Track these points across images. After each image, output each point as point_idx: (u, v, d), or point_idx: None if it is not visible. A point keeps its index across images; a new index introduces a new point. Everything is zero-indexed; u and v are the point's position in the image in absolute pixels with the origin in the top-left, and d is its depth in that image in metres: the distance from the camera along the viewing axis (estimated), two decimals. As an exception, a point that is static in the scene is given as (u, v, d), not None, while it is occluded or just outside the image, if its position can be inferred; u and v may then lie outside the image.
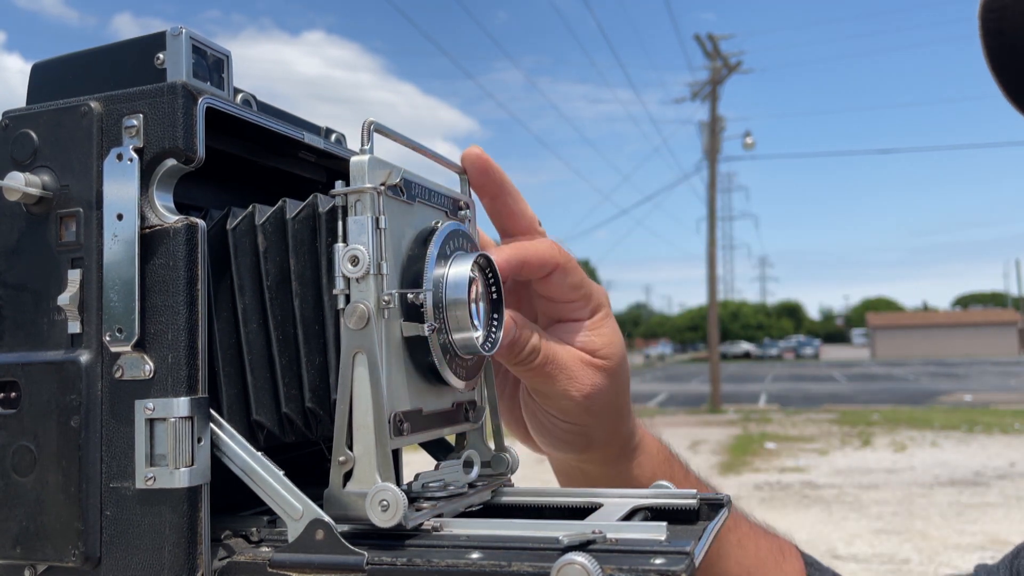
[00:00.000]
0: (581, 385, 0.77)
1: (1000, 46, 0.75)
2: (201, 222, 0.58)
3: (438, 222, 0.66)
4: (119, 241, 0.57)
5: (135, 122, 0.58)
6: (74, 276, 0.58)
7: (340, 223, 0.60)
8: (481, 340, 0.65)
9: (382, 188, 0.59)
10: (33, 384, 0.58)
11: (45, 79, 0.64)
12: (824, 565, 1.05)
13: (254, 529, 0.61)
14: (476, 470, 0.70)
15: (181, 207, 0.59)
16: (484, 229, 0.82)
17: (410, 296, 0.61)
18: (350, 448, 0.58)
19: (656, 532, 0.55)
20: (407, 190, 0.64)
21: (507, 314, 0.71)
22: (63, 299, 0.58)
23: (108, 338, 0.57)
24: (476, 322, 0.64)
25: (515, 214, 0.80)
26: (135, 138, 0.58)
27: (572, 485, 0.91)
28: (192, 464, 0.56)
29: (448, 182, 0.73)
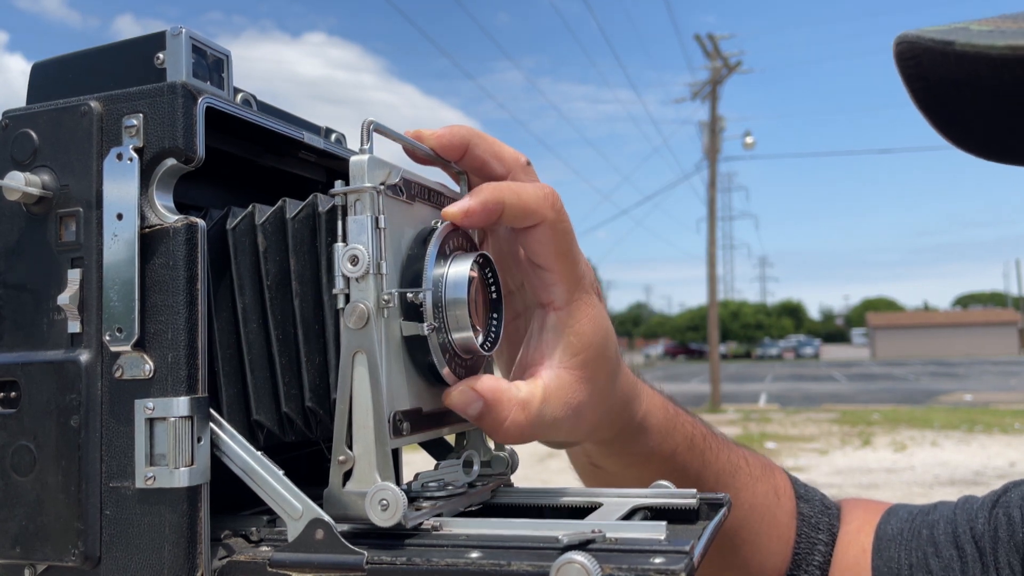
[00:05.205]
0: (581, 414, 0.69)
1: (924, 88, 0.74)
2: (201, 222, 0.58)
3: (438, 221, 0.66)
4: (119, 241, 0.57)
5: (135, 122, 0.58)
6: (74, 276, 0.58)
7: (340, 223, 0.60)
8: (480, 340, 0.65)
9: (382, 188, 0.59)
10: (33, 384, 0.58)
11: (45, 79, 0.64)
12: (815, 491, 1.07)
13: (254, 529, 0.61)
14: (476, 470, 0.70)
15: (181, 207, 0.59)
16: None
17: (410, 295, 0.61)
18: (350, 448, 0.58)
19: (655, 531, 0.55)
20: (407, 189, 0.64)
21: (481, 384, 0.64)
22: (63, 299, 0.58)
23: (108, 338, 0.57)
24: (475, 321, 0.64)
25: (487, 163, 0.70)
26: (135, 138, 0.58)
27: (587, 477, 0.90)
28: (192, 464, 0.56)
29: (448, 182, 0.73)
